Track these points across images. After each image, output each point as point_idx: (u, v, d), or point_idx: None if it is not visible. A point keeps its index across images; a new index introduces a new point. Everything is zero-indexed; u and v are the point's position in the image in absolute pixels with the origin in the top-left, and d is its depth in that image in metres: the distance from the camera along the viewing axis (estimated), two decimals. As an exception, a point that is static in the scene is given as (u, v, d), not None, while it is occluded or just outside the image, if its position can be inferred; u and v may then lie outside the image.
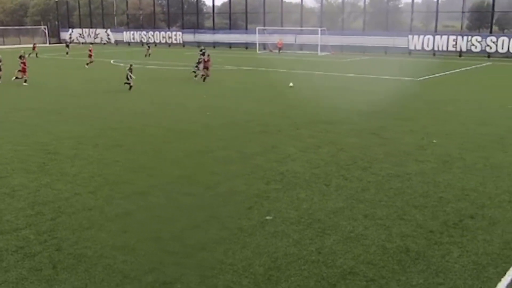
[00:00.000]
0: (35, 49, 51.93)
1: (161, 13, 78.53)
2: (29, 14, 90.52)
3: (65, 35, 79.59)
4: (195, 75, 32.78)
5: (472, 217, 10.53)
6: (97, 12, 79.90)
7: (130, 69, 28.66)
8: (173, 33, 71.24)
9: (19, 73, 30.93)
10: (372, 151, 15.56)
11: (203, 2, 78.22)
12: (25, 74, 30.80)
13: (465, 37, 51.79)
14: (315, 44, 55.74)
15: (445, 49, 52.50)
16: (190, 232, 9.80)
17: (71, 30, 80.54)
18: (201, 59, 32.74)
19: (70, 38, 76.29)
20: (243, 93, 27.97)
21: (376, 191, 12.06)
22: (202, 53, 33.40)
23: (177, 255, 8.82)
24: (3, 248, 9.12)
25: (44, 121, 20.44)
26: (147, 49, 52.50)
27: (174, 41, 69.74)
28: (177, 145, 16.49)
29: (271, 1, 66.85)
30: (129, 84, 28.42)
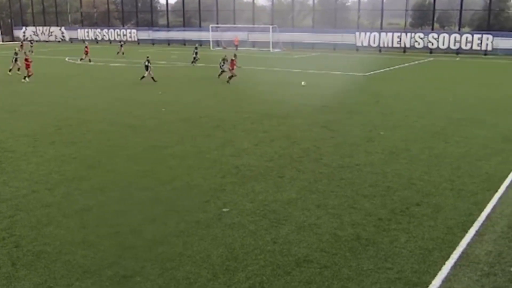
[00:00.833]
0: None
1: (115, 11, 77.04)
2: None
3: (18, 32, 77.21)
4: (219, 74, 31.16)
5: (418, 204, 10.81)
6: (50, 10, 77.79)
7: (147, 61, 30.01)
8: (128, 31, 70.15)
9: (25, 70, 30.71)
10: (323, 144, 15.75)
11: (157, 0, 76.96)
12: (28, 70, 30.54)
13: (408, 34, 52.88)
14: (267, 41, 55.91)
15: (390, 45, 53.49)
16: (148, 226, 9.72)
17: (24, 28, 78.15)
18: (225, 58, 30.94)
19: (24, 36, 74.04)
20: (198, 90, 27.79)
21: (327, 182, 12.22)
22: (195, 52, 36.21)
23: (136, 249, 8.73)
24: (-40, 247, 8.86)
25: (-2, 119, 19.87)
26: (120, 47, 50.48)
27: (129, 39, 68.66)
28: (133, 141, 16.29)
29: (224, -1, 66.68)
30: (146, 76, 29.89)
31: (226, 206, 10.69)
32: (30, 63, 30.58)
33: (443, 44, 50.88)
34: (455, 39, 50.37)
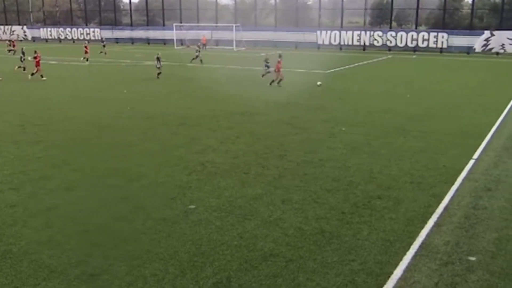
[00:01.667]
0: None
1: (78, 10, 75.66)
2: None
3: (-21, 31, 75.18)
4: (263, 74, 29.51)
5: (379, 198, 10.97)
6: (12, 8, 75.93)
7: (158, 58, 30.74)
8: (91, 29, 69.01)
9: (34, 68, 30.62)
10: (287, 140, 15.82)
11: (121, -1, 75.94)
12: (38, 68, 30.47)
13: (368, 32, 53.57)
14: (230, 39, 55.82)
15: (350, 43, 54.10)
16: (115, 224, 9.60)
17: (-15, 26, 76.13)
18: (268, 61, 29.24)
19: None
20: (164, 88, 27.54)
21: (292, 177, 12.28)
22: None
23: (104, 247, 8.62)
24: None
25: (-40, 119, 19.30)
26: (103, 47, 48.44)
27: (92, 38, 67.57)
28: (99, 140, 16.06)
29: (187, -2, 66.18)
30: (160, 71, 30.79)
31: (192, 203, 10.64)
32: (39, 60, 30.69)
33: (401, 42, 51.73)
34: (412, 37, 51.27)
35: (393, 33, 52.44)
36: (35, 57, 30.58)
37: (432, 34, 50.77)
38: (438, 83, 29.12)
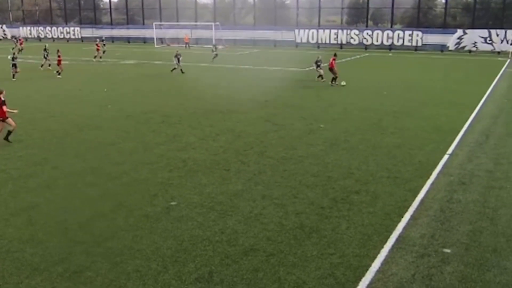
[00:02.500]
0: None
1: (58, 9, 74.66)
2: None
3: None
4: (319, 75, 28.70)
5: (357, 192, 11.06)
6: (-9, 7, 74.86)
7: (177, 56, 31.61)
8: (71, 28, 68.23)
9: (57, 67, 31.61)
10: (266, 137, 15.85)
11: (100, -2, 75.16)
12: (60, 66, 31.55)
13: (344, 31, 53.87)
14: (209, 38, 55.62)
15: (328, 41, 54.36)
16: (97, 221, 9.52)
17: (-36, 25, 74.78)
18: (319, 60, 28.41)
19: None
20: (144, 86, 27.36)
21: (272, 174, 12.31)
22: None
23: (86, 244, 8.54)
24: None
25: None
26: (103, 45, 44.96)
27: (72, 36, 66.88)
28: (79, 138, 15.89)
29: (167, -3, 65.75)
30: (177, 68, 31.46)
31: (174, 199, 10.61)
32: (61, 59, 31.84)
33: (377, 40, 52.16)
34: (388, 35, 51.74)
35: (369, 32, 52.85)
36: (59, 56, 31.72)
37: (407, 32, 51.28)
38: (413, 81, 29.42)
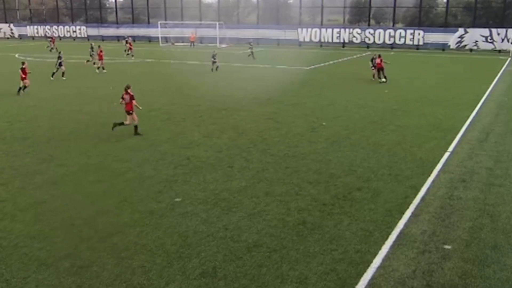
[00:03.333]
0: None
1: (64, 8, 74.69)
2: None
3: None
4: (374, 75, 28.24)
5: (359, 189, 11.06)
6: (-1, 6, 74.85)
7: (214, 56, 32.67)
8: (78, 27, 68.25)
9: (98, 62, 32.96)
10: (269, 135, 15.85)
11: (106, -3, 75.16)
12: (101, 61, 32.83)
13: (347, 30, 53.70)
14: (214, 37, 55.57)
15: (330, 40, 54.19)
16: (103, 217, 9.55)
17: (-28, 24, 74.84)
18: (375, 59, 27.83)
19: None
20: (148, 84, 27.36)
21: (274, 171, 12.32)
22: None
23: (92, 240, 8.58)
24: None
25: None
26: (125, 44, 45.17)
27: (78, 35, 66.88)
28: (85, 135, 15.92)
29: (171, -4, 65.71)
30: (216, 66, 32.41)
31: (178, 196, 10.63)
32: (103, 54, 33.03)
33: (379, 39, 51.97)
34: (390, 34, 51.53)
35: (371, 31, 52.66)
36: (100, 50, 32.83)
37: (408, 31, 51.09)
38: (414, 79, 29.34)
